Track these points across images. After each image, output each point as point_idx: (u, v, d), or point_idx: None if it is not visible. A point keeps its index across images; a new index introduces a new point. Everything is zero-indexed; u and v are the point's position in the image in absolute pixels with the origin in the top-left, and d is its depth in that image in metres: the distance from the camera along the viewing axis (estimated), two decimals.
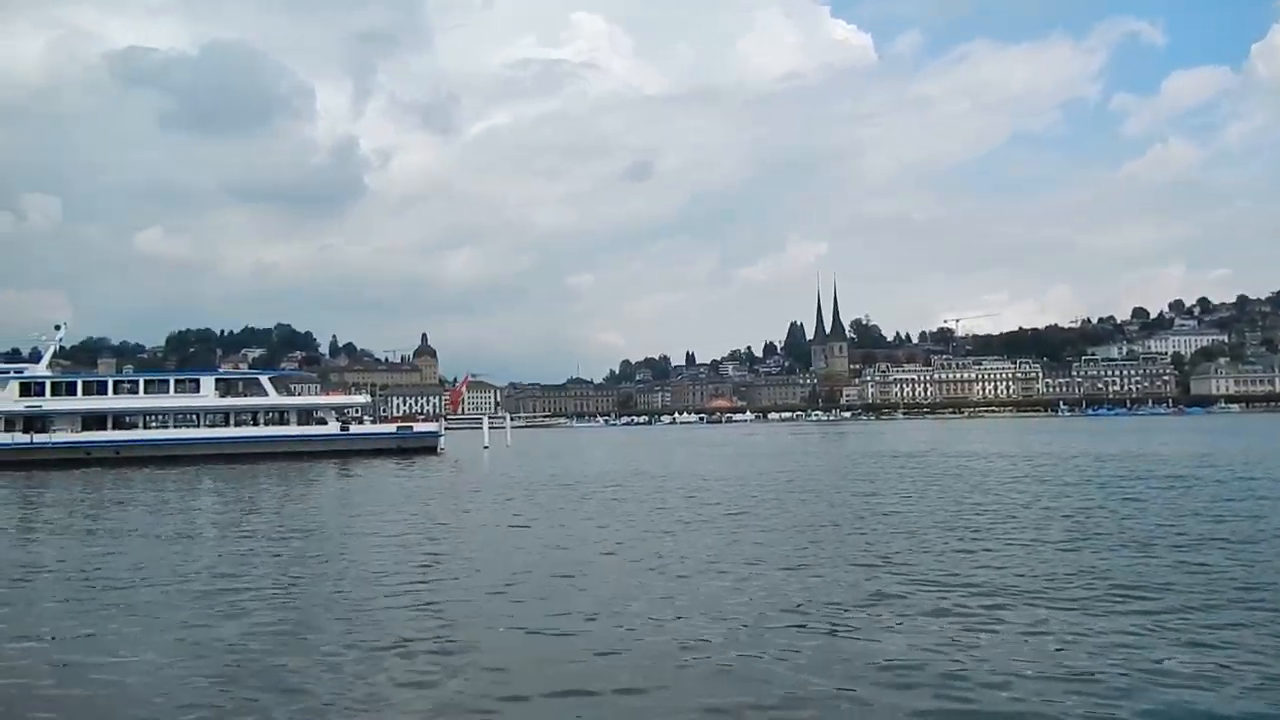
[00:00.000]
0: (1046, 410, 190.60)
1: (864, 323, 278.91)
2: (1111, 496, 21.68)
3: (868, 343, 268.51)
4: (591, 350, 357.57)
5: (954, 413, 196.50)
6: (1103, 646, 8.51)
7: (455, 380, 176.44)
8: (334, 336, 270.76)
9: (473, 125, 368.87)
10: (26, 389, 52.01)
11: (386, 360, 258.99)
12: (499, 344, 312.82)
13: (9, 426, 50.68)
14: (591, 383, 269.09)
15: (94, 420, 52.26)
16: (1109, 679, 7.54)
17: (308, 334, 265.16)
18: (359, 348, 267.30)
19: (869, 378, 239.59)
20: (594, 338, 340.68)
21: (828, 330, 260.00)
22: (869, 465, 36.23)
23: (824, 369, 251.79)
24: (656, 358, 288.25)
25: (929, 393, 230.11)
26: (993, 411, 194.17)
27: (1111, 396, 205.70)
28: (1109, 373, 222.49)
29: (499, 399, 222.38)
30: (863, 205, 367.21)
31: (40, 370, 55.33)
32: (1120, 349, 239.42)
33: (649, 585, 11.93)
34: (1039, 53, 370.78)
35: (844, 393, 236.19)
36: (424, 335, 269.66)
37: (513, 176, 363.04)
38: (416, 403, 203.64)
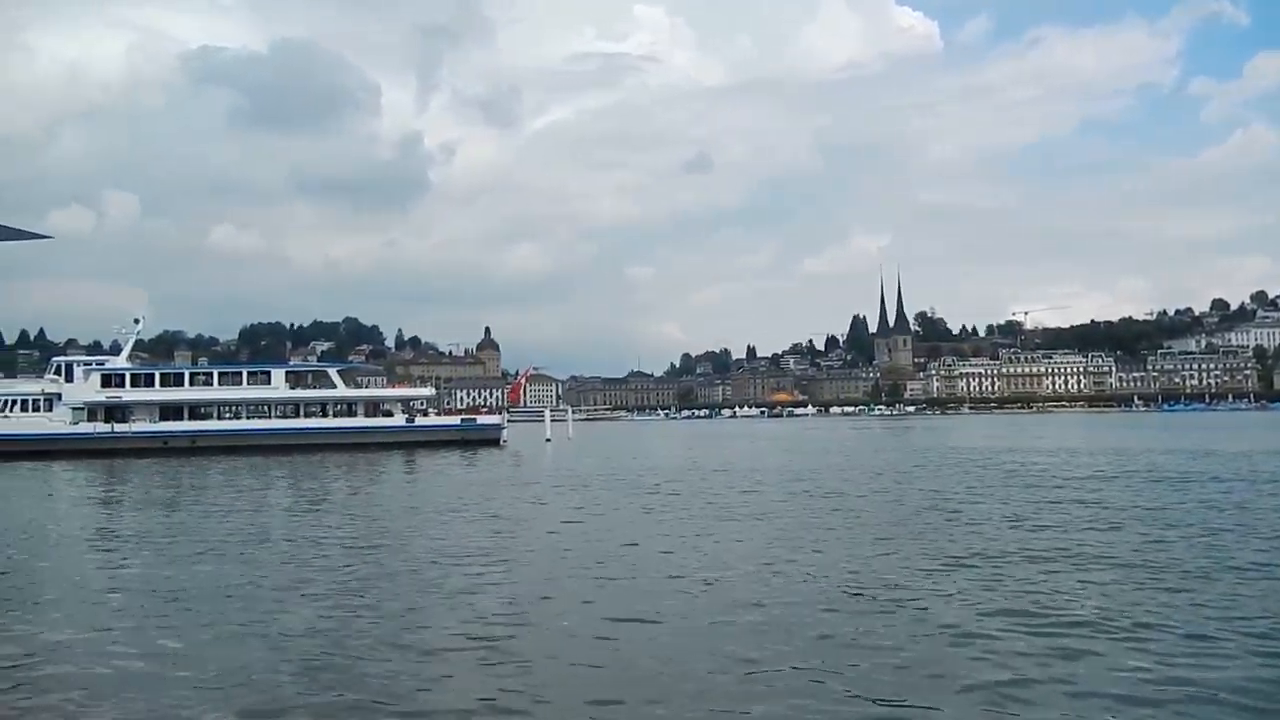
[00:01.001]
0: (1120, 406, 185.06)
1: (929, 315, 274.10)
2: (1200, 500, 20.83)
3: (932, 336, 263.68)
4: (652, 343, 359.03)
5: (1022, 408, 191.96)
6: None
7: (517, 373, 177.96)
8: (399, 330, 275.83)
9: (534, 119, 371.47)
10: (108, 381, 53.93)
11: (450, 353, 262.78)
12: (560, 337, 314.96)
13: (91, 416, 52.64)
14: (652, 376, 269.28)
15: (171, 411, 53.99)
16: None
17: (374, 327, 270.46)
18: (423, 341, 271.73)
19: (934, 371, 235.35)
20: (654, 330, 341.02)
21: (891, 323, 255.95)
22: (934, 461, 35.48)
23: (887, 362, 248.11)
24: (717, 351, 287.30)
25: (996, 387, 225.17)
26: (1063, 407, 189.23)
27: (1189, 391, 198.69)
28: (1186, 366, 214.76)
29: (560, 392, 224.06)
30: (927, 195, 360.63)
31: (120, 363, 57.35)
32: (1198, 342, 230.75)
33: (713, 585, 11.76)
34: (1111, 36, 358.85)
35: (908, 387, 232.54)
36: (486, 328, 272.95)
37: (573, 169, 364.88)
38: (479, 395, 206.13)
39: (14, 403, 53.67)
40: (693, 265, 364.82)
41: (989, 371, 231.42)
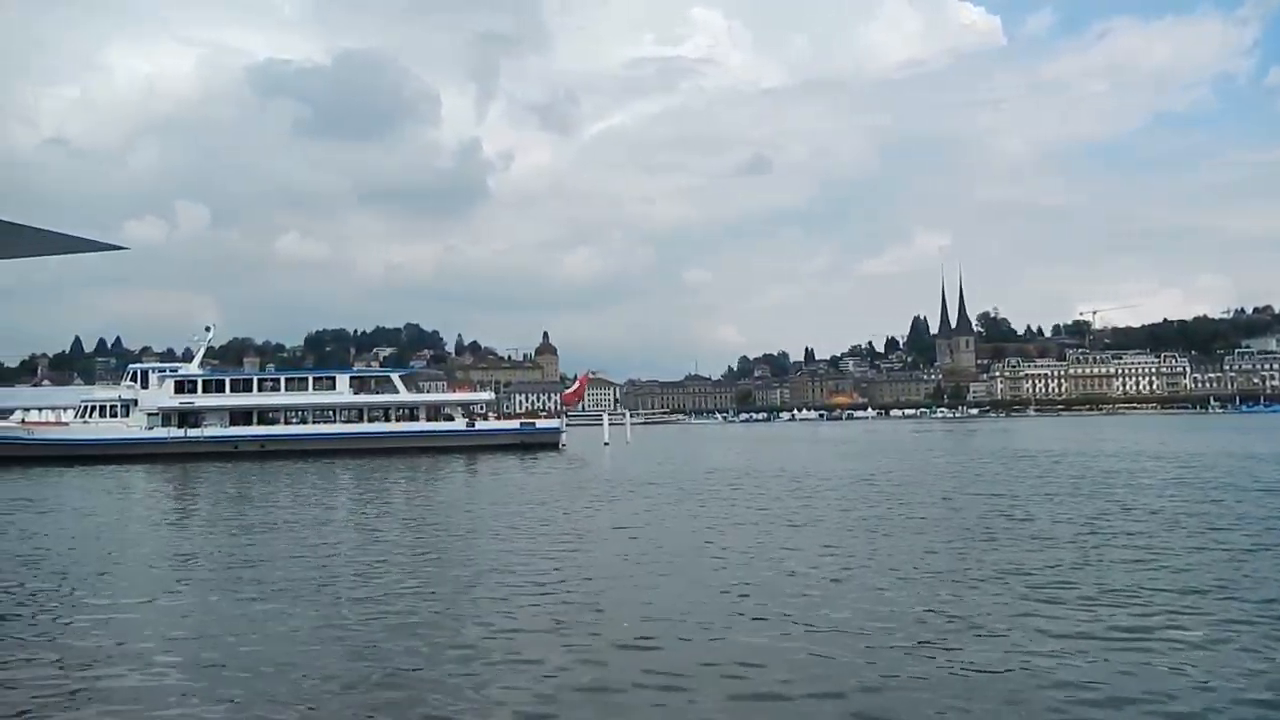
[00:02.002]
0: (1195, 407, 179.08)
1: (992, 315, 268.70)
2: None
3: (996, 336, 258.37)
4: (709, 346, 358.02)
5: (1091, 409, 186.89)
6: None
7: (575, 377, 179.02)
8: (459, 335, 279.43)
9: (591, 124, 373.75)
10: (180, 387, 55.62)
11: (509, 358, 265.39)
12: (618, 340, 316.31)
13: (166, 421, 54.33)
14: (709, 379, 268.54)
15: (241, 415, 55.43)
16: None
17: (435, 333, 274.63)
18: (483, 346, 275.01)
19: (997, 373, 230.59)
20: (712, 333, 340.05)
21: (953, 324, 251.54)
22: (1000, 465, 34.72)
23: (949, 364, 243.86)
24: (775, 353, 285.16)
25: (1063, 389, 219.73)
26: (1134, 408, 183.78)
27: (1269, 392, 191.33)
28: (1266, 366, 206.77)
29: (618, 395, 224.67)
30: (990, 192, 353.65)
31: (192, 369, 59.14)
32: (1279, 341, 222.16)
33: (776, 591, 11.65)
34: (1184, 27, 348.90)
35: (970, 389, 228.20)
36: (545, 333, 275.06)
37: (631, 174, 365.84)
38: (538, 399, 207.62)
39: (93, 408, 55.65)
40: (751, 268, 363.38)
41: (1055, 373, 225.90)
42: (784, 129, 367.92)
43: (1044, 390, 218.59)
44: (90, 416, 55.08)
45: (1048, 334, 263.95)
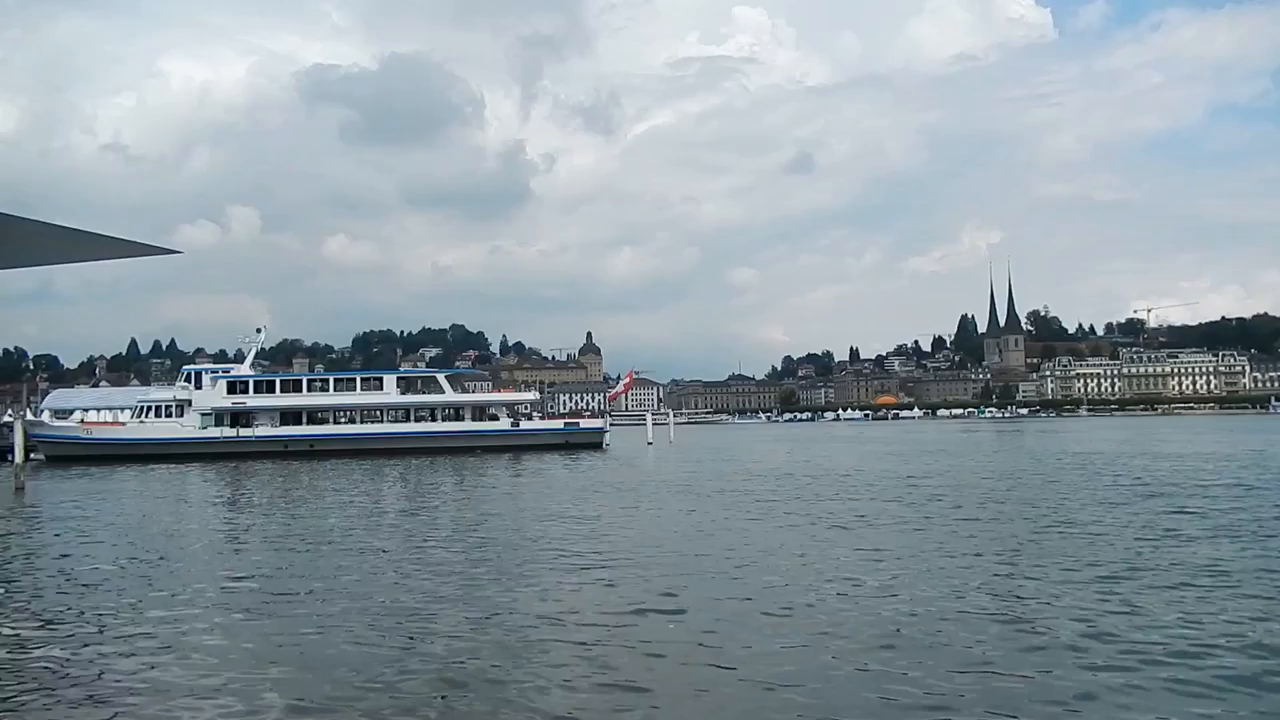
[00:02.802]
0: (1255, 407, 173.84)
1: (1042, 314, 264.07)
2: None
3: (1046, 335, 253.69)
4: (753, 346, 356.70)
5: (1146, 409, 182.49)
6: None
7: (619, 377, 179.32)
8: (504, 336, 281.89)
9: (635, 125, 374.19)
10: (233, 387, 56.79)
11: (553, 358, 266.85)
12: (661, 341, 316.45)
13: (219, 421, 55.50)
14: (753, 379, 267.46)
15: (291, 416, 56.43)
16: None
17: (480, 333, 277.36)
18: (527, 346, 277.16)
19: (1048, 372, 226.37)
20: (756, 333, 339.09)
21: (1002, 322, 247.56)
22: (1053, 466, 34.08)
23: (998, 363, 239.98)
24: (819, 353, 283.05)
25: (1117, 388, 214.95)
26: (1190, 409, 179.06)
27: None
28: None
29: (661, 395, 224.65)
30: (1041, 189, 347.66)
31: (244, 370, 60.31)
32: None
33: (827, 596, 11.56)
34: (1244, 16, 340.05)
35: (1020, 388, 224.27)
36: (589, 333, 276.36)
37: (675, 174, 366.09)
38: (582, 399, 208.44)
39: (149, 409, 57.08)
40: (795, 267, 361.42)
41: (1108, 372, 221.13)
42: (829, 127, 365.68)
43: (1096, 390, 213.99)
44: (146, 417, 56.48)
45: (1100, 332, 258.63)
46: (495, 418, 58.83)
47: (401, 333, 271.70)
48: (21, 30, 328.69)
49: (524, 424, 59.12)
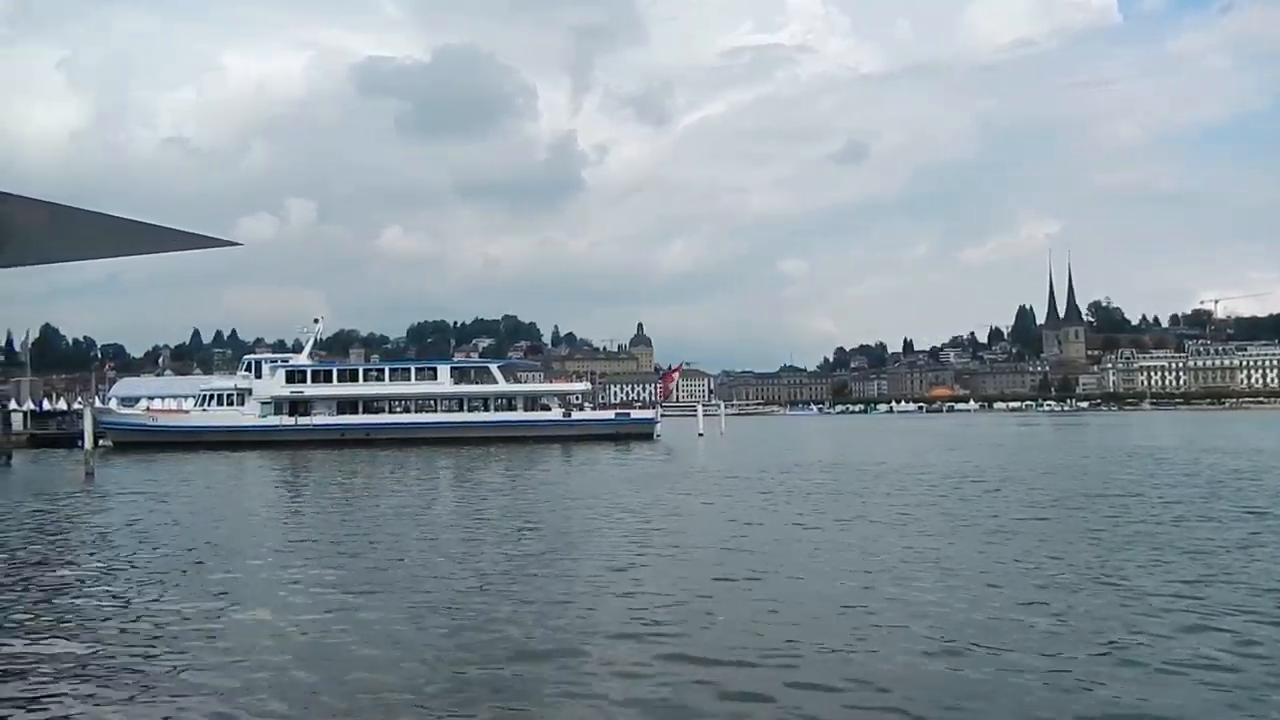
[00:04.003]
0: None
1: (1103, 305, 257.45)
2: None
3: (1108, 327, 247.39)
4: (804, 337, 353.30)
5: (1212, 403, 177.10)
6: None
7: (669, 368, 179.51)
8: (555, 326, 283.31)
9: (686, 115, 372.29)
10: (291, 377, 57.97)
11: (604, 349, 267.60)
12: (711, 331, 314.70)
13: (278, 410, 56.72)
14: (804, 370, 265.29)
15: (347, 405, 57.47)
16: None
17: (531, 324, 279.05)
18: (578, 337, 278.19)
19: (1109, 365, 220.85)
20: (807, 324, 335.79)
21: (1061, 314, 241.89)
22: (1115, 462, 33.23)
23: (1057, 355, 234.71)
24: (872, 344, 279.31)
25: (1182, 382, 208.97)
26: (1260, 403, 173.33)
27: None
28: None
29: (711, 387, 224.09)
30: (1102, 177, 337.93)
31: (302, 360, 61.47)
32: None
33: (876, 595, 11.39)
34: None
35: (1080, 381, 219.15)
36: (639, 324, 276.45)
37: (725, 164, 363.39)
38: (633, 390, 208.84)
39: (211, 397, 58.59)
40: (847, 257, 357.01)
41: (1173, 365, 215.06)
42: (882, 115, 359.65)
43: (1160, 383, 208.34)
44: (209, 405, 57.99)
45: (1164, 324, 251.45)
46: (547, 408, 59.20)
47: (455, 323, 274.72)
48: (85, 28, 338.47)
49: (575, 414, 59.40)
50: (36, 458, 45.41)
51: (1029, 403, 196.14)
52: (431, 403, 58.53)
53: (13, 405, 67.04)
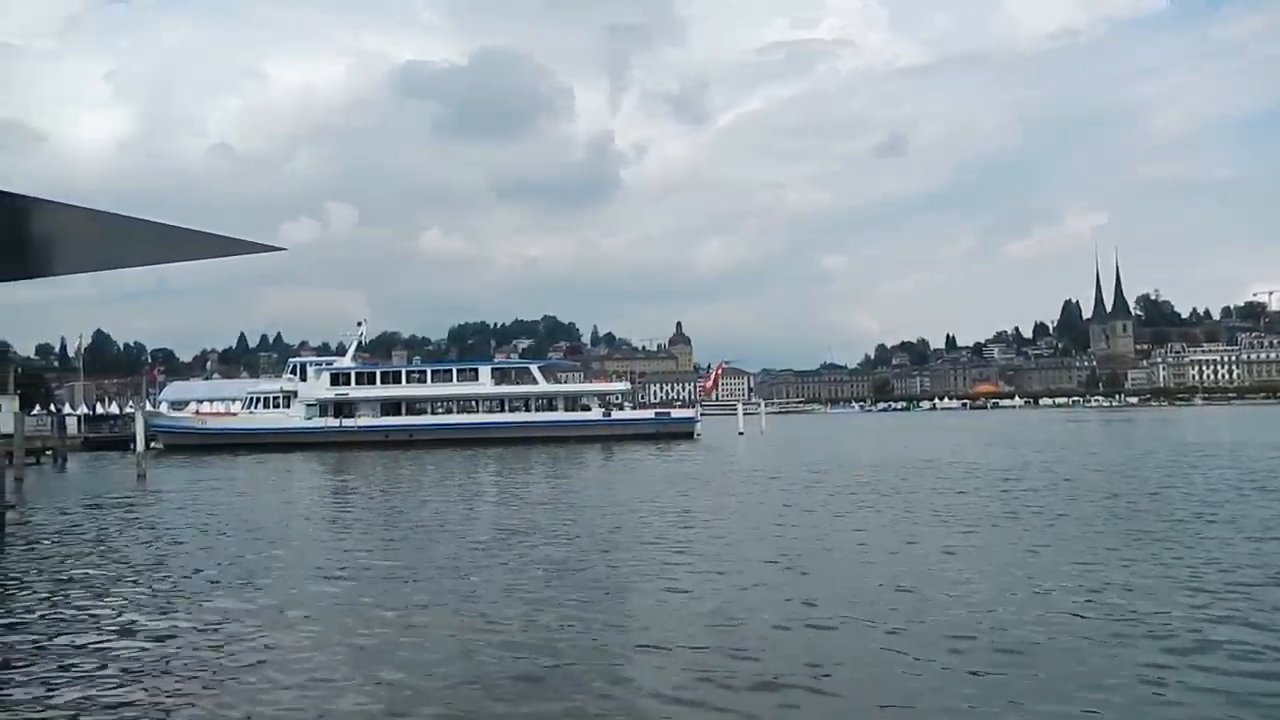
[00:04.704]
0: None
1: (1153, 298, 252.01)
2: None
3: (1157, 320, 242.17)
4: (845, 334, 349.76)
5: (1267, 398, 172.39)
6: None
7: (709, 367, 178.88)
8: (594, 326, 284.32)
9: (724, 113, 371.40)
10: (336, 379, 58.74)
11: (643, 348, 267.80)
12: (751, 330, 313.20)
13: (323, 412, 57.49)
14: (845, 368, 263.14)
15: (390, 406, 58.10)
16: None
17: (571, 324, 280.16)
18: (617, 337, 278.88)
19: (1159, 359, 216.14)
20: (847, 321, 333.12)
21: (1108, 307, 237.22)
22: (1170, 459, 32.46)
23: (1105, 350, 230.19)
24: (914, 341, 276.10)
25: (1235, 376, 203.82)
26: None
27: None
28: None
29: (752, 385, 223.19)
30: (1150, 168, 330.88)
31: (346, 362, 62.23)
32: None
33: (926, 596, 11.20)
34: None
35: (1129, 376, 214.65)
36: (678, 323, 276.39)
37: (763, 161, 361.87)
38: (673, 389, 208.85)
39: (258, 400, 59.58)
40: (888, 253, 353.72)
41: (1225, 359, 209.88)
42: (922, 108, 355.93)
43: (1213, 378, 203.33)
44: (255, 407, 58.97)
45: (1216, 316, 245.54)
46: (587, 408, 59.34)
47: (495, 324, 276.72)
48: (132, 41, 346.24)
49: (616, 414, 59.46)
50: (90, 460, 46.50)
51: (1076, 399, 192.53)
52: (473, 403, 58.97)
53: (67, 409, 68.80)
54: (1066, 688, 7.08)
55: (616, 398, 63.87)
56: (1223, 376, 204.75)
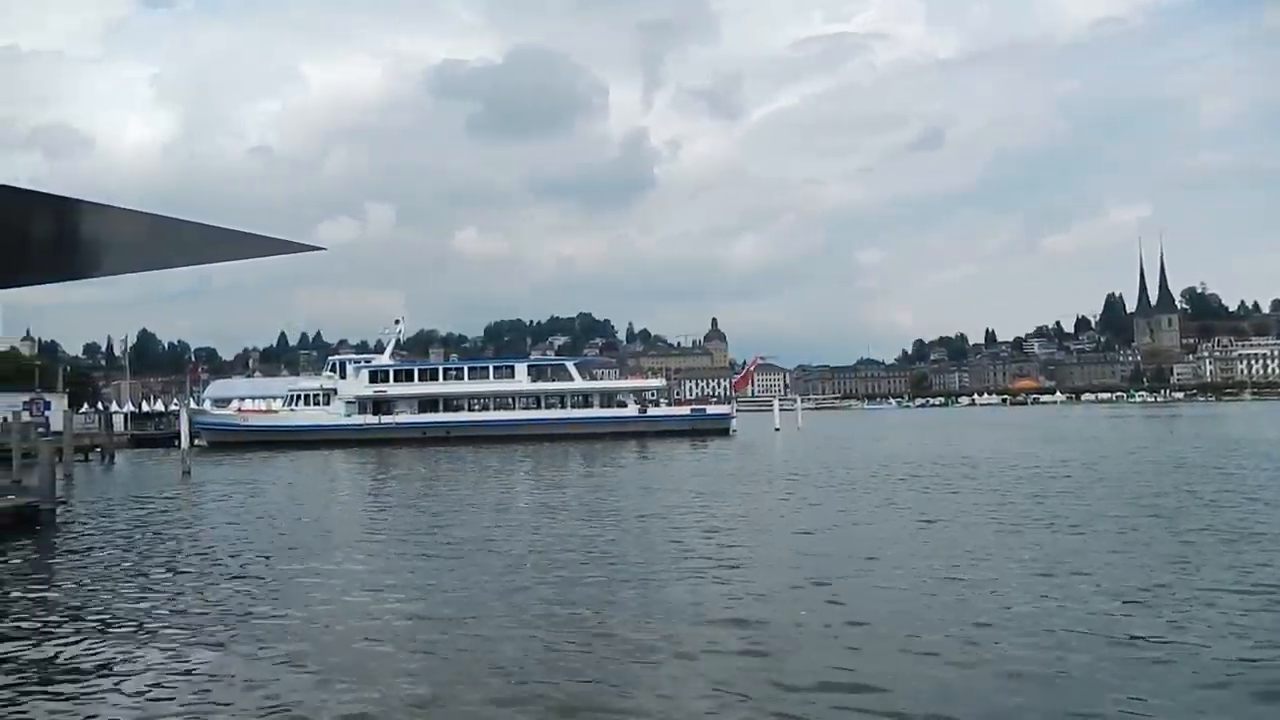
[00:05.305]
0: None
1: (1199, 291, 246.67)
2: None
3: (1204, 314, 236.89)
4: (881, 330, 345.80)
5: None
6: None
7: (744, 363, 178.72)
8: (630, 324, 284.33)
9: (758, 108, 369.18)
10: (375, 377, 59.37)
11: (678, 345, 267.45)
12: (786, 326, 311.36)
13: (362, 409, 58.14)
14: (882, 363, 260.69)
15: (428, 403, 58.58)
16: None
17: (606, 321, 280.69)
18: (652, 333, 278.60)
19: (1206, 353, 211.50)
20: (884, 316, 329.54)
21: (1153, 301, 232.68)
22: (1219, 457, 31.74)
23: (1149, 344, 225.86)
24: (952, 336, 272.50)
25: None
26: None
27: None
28: None
29: (787, 381, 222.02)
30: (1195, 158, 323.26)
31: (384, 360, 62.91)
32: None
33: (966, 599, 11.05)
34: None
35: (1174, 371, 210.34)
36: (713, 320, 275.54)
37: (798, 156, 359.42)
38: (708, 386, 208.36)
39: (299, 398, 60.38)
40: (925, 247, 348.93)
41: (1275, 353, 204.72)
42: (960, 101, 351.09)
43: (1262, 372, 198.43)
44: (296, 405, 59.76)
45: (1265, 309, 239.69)
46: (623, 404, 59.43)
47: (530, 322, 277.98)
48: (173, 45, 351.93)
49: (651, 410, 59.50)
50: (137, 457, 47.43)
51: (1120, 394, 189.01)
52: (509, 400, 59.30)
53: (114, 407, 70.29)
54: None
55: (652, 394, 63.89)
56: (1273, 371, 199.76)
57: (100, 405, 71.26)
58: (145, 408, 77.28)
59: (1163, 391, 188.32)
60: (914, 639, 8.50)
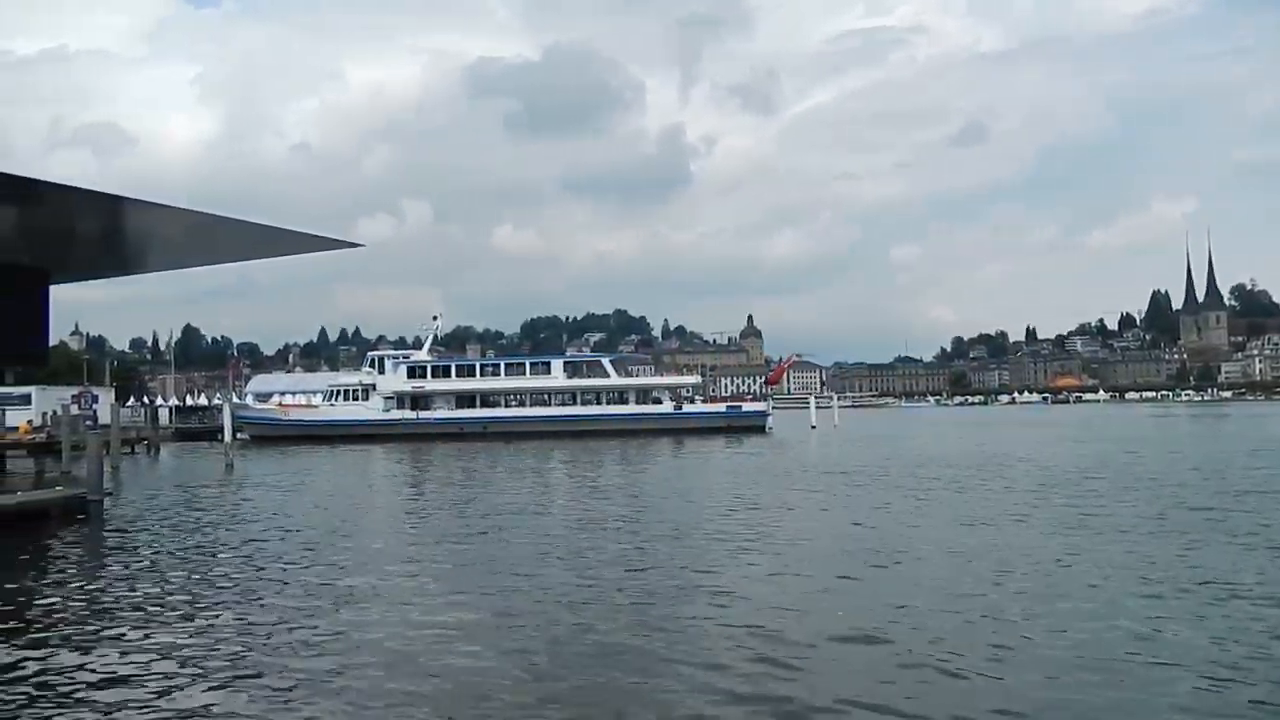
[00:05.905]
0: None
1: (1248, 288, 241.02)
2: None
3: (1254, 310, 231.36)
4: (920, 327, 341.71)
5: None
6: None
7: (780, 360, 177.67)
8: (665, 320, 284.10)
9: (795, 103, 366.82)
10: (412, 372, 59.89)
11: (714, 342, 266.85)
12: (823, 323, 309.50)
13: (400, 404, 58.70)
14: (920, 361, 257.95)
15: (465, 399, 58.99)
16: None
17: (641, 318, 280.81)
18: (688, 330, 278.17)
19: (1255, 351, 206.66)
20: (922, 313, 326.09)
21: (1200, 297, 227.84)
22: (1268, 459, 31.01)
23: (1196, 342, 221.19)
24: (992, 333, 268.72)
25: None
26: None
27: None
28: None
29: (824, 379, 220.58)
30: (1244, 151, 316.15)
31: (422, 356, 63.43)
32: None
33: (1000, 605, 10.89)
34: None
35: (1222, 369, 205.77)
36: (749, 316, 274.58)
37: (836, 152, 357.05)
38: (744, 383, 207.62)
39: (338, 393, 61.14)
40: (964, 243, 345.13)
41: None
42: (1002, 94, 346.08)
43: None
44: (336, 400, 60.52)
45: None
46: (658, 401, 59.40)
47: (566, 318, 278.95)
48: (215, 45, 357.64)
49: (686, 407, 59.41)
50: (181, 450, 48.32)
51: (1165, 392, 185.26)
52: (545, 397, 59.54)
53: (159, 401, 71.71)
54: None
55: (687, 391, 63.76)
56: None
57: (146, 399, 72.80)
58: (189, 402, 78.80)
59: (1210, 390, 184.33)
60: (945, 656, 8.40)
